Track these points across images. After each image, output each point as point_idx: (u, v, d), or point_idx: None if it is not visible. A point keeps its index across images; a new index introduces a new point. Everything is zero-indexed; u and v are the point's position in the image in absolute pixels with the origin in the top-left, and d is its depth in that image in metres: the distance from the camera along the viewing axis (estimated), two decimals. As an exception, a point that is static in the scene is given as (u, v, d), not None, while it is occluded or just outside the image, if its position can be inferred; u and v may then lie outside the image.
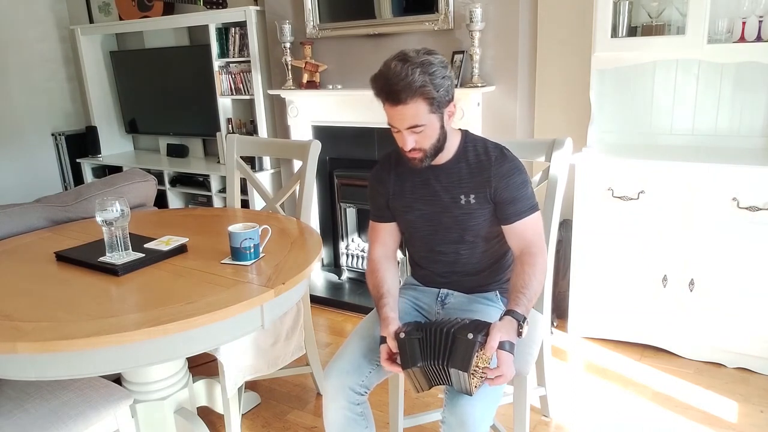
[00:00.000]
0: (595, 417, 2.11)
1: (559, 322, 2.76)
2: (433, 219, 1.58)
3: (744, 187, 2.17)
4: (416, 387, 1.42)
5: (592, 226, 2.49)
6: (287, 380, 2.41)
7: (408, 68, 1.36)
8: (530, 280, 1.44)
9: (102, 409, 1.51)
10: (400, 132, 1.45)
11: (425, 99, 1.38)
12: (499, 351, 1.30)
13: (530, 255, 1.48)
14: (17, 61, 4.46)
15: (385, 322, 1.45)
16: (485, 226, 1.55)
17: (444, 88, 1.41)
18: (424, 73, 1.37)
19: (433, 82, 1.38)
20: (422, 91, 1.37)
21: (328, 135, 3.24)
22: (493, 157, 1.52)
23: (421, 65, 1.37)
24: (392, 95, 1.38)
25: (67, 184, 4.75)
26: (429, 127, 1.43)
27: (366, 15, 2.93)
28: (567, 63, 2.80)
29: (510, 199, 1.50)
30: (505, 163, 1.51)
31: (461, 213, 1.54)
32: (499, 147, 1.55)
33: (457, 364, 1.29)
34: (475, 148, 1.55)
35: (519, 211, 1.51)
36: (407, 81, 1.36)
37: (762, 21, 2.24)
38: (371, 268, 1.63)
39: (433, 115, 1.42)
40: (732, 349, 2.35)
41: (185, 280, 1.55)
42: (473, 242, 1.58)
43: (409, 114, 1.40)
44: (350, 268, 3.43)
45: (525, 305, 1.40)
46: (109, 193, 2.28)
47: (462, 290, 1.66)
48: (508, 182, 1.50)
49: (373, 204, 1.68)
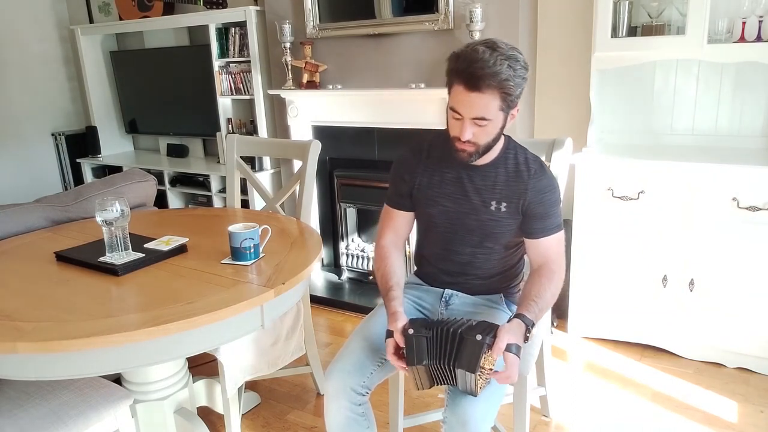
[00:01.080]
0: (595, 417, 2.11)
1: (559, 322, 2.76)
2: (457, 218, 1.54)
3: (744, 187, 2.17)
4: (417, 384, 1.42)
5: (592, 226, 2.49)
6: (287, 380, 2.41)
7: (497, 57, 1.30)
8: (545, 291, 1.43)
9: (102, 409, 1.51)
10: (462, 120, 1.37)
11: (502, 94, 1.33)
12: (506, 353, 1.30)
13: (549, 270, 1.48)
14: (17, 61, 4.46)
15: (393, 316, 1.43)
16: (508, 235, 1.53)
17: (521, 89, 1.36)
18: (511, 67, 1.31)
19: (515, 80, 1.33)
20: (503, 85, 1.31)
21: (328, 135, 3.24)
22: (533, 169, 1.49)
23: (509, 58, 1.32)
24: (472, 80, 1.31)
25: (67, 184, 4.75)
26: (492, 124, 1.37)
27: (366, 15, 2.93)
28: (567, 63, 2.80)
29: (541, 215, 1.48)
30: (544, 179, 1.49)
31: (488, 218, 1.51)
32: (539, 160, 1.52)
33: (464, 364, 1.29)
34: (515, 156, 1.51)
35: (546, 228, 1.49)
36: (494, 70, 1.30)
37: (762, 21, 2.24)
38: (380, 254, 1.59)
39: (501, 113, 1.37)
40: (732, 349, 2.35)
41: (185, 280, 1.55)
42: (491, 248, 1.56)
43: (481, 104, 1.33)
44: (350, 268, 3.43)
45: (535, 313, 1.39)
46: (109, 193, 2.28)
47: (468, 292, 1.64)
48: (543, 198, 1.48)
49: (395, 189, 1.62)
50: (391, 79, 2.95)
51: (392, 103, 2.93)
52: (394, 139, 3.06)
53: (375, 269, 1.60)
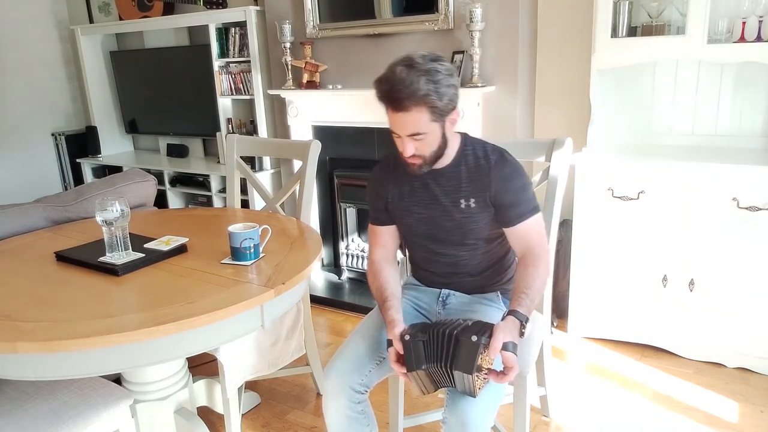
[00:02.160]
0: (595, 417, 2.11)
1: (559, 322, 2.76)
2: (433, 223, 1.57)
3: (744, 187, 2.17)
4: (422, 389, 1.41)
5: (592, 226, 2.49)
6: (287, 380, 2.41)
7: (413, 75, 1.34)
8: (533, 281, 1.44)
9: (102, 409, 1.51)
10: (401, 138, 1.44)
11: (428, 108, 1.36)
12: (503, 352, 1.30)
13: (533, 256, 1.48)
14: (17, 61, 4.47)
15: (390, 324, 1.44)
16: (486, 229, 1.55)
17: (448, 97, 1.38)
18: (429, 81, 1.34)
19: (437, 91, 1.35)
20: (426, 100, 1.35)
21: (328, 135, 3.24)
22: (492, 160, 1.51)
23: (426, 73, 1.34)
24: (395, 101, 1.36)
25: (67, 184, 4.75)
26: (430, 135, 1.41)
27: (366, 15, 2.93)
28: (567, 63, 2.80)
29: (511, 202, 1.49)
30: (505, 167, 1.50)
31: (462, 217, 1.53)
32: (499, 150, 1.54)
33: (461, 366, 1.29)
34: (474, 151, 1.54)
35: (520, 214, 1.50)
36: (412, 89, 1.33)
37: (762, 21, 2.23)
38: (372, 270, 1.62)
39: (435, 124, 1.40)
40: (732, 349, 2.35)
41: (185, 280, 1.55)
42: (474, 245, 1.57)
43: (410, 121, 1.38)
44: (350, 268, 3.43)
45: (527, 305, 1.39)
46: (109, 193, 2.28)
47: (463, 291, 1.65)
48: (508, 186, 1.49)
49: (373, 207, 1.67)
50: (391, 79, 2.94)
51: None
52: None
53: (370, 285, 1.62)
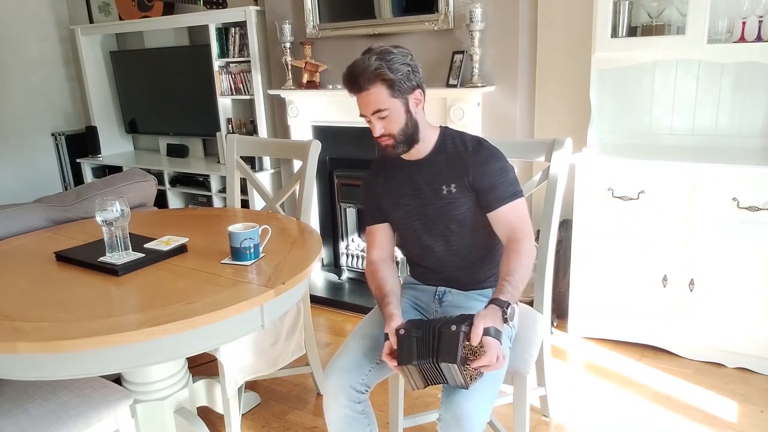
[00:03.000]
0: (595, 417, 2.11)
1: (559, 322, 2.76)
2: (420, 212, 1.61)
3: (744, 187, 2.17)
4: (412, 385, 1.42)
5: (592, 226, 2.49)
6: (287, 380, 2.41)
7: (366, 57, 1.46)
8: (516, 266, 1.45)
9: (102, 409, 1.51)
10: (370, 121, 1.51)
11: (382, 81, 1.45)
12: (484, 338, 1.31)
13: (516, 241, 1.50)
14: (17, 61, 4.47)
15: (389, 318, 1.47)
16: (469, 214, 1.57)
17: (403, 73, 1.46)
18: (380, 59, 1.45)
19: (389, 66, 1.45)
20: (377, 74, 1.44)
21: (328, 135, 3.24)
22: (470, 147, 1.57)
23: (379, 53, 1.46)
24: (354, 83, 1.47)
25: (67, 184, 4.75)
26: (393, 112, 1.48)
27: (366, 15, 2.93)
28: (567, 63, 2.80)
29: (489, 185, 1.53)
30: (482, 152, 1.55)
31: (444, 203, 1.57)
32: (477, 138, 1.60)
33: (445, 357, 1.30)
34: (453, 140, 1.60)
35: (500, 197, 1.53)
36: (363, 66, 1.45)
37: (762, 21, 2.24)
38: (371, 270, 1.65)
39: (396, 100, 1.48)
40: (732, 349, 2.35)
41: (185, 280, 1.55)
42: (459, 232, 1.60)
43: (371, 99, 1.47)
44: (350, 268, 3.43)
45: (510, 292, 1.40)
46: (109, 193, 2.28)
47: (458, 287, 1.67)
48: (485, 169, 1.53)
49: (367, 208, 1.73)
50: (391, 79, 2.94)
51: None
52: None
53: (369, 284, 1.65)
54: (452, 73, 2.72)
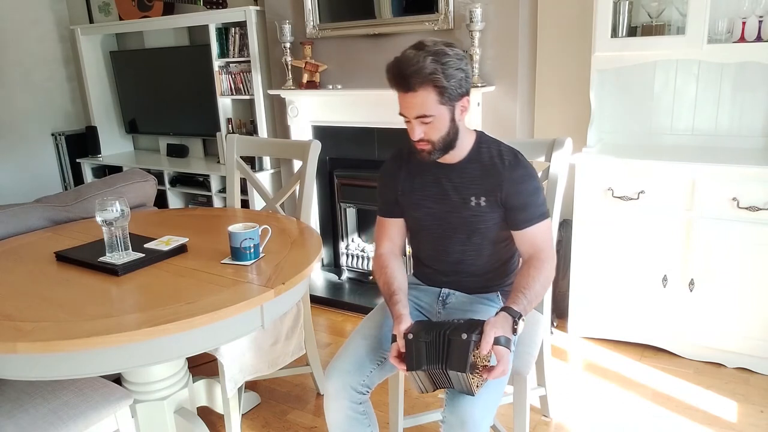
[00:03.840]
0: (595, 417, 2.11)
1: (559, 322, 2.76)
2: (442, 218, 1.56)
3: (744, 187, 2.17)
4: (421, 388, 1.41)
5: (592, 226, 2.49)
6: (287, 380, 2.41)
7: (420, 55, 1.34)
8: (533, 282, 1.43)
9: (102, 409, 1.51)
10: (410, 122, 1.42)
11: (435, 88, 1.35)
12: (495, 346, 1.30)
13: (539, 260, 1.47)
14: (17, 61, 4.46)
15: (397, 320, 1.44)
16: (494, 229, 1.54)
17: (456, 80, 1.37)
18: (436, 61, 1.34)
19: (444, 72, 1.34)
20: (432, 79, 1.34)
21: (328, 135, 3.24)
22: (506, 161, 1.49)
23: (434, 54, 1.34)
24: (402, 81, 1.36)
25: (67, 184, 4.75)
26: (438, 119, 1.40)
27: (366, 15, 2.93)
28: (567, 63, 2.80)
29: (521, 205, 1.48)
30: (519, 169, 1.49)
31: (470, 215, 1.52)
32: (514, 151, 1.53)
33: (454, 365, 1.29)
34: (489, 149, 1.52)
35: (529, 218, 1.49)
36: (417, 67, 1.33)
37: (762, 21, 2.24)
38: (379, 264, 1.61)
39: (443, 107, 1.39)
40: (732, 349, 2.35)
41: (185, 280, 1.55)
42: (480, 244, 1.56)
43: (417, 102, 1.37)
44: (350, 268, 3.43)
45: (523, 305, 1.39)
46: (109, 193, 2.28)
47: (464, 290, 1.65)
48: (520, 188, 1.48)
49: (382, 199, 1.66)
50: (391, 79, 2.95)
51: (392, 103, 2.88)
52: (394, 139, 3.06)
53: (376, 279, 1.61)
54: (452, 73, 2.72)
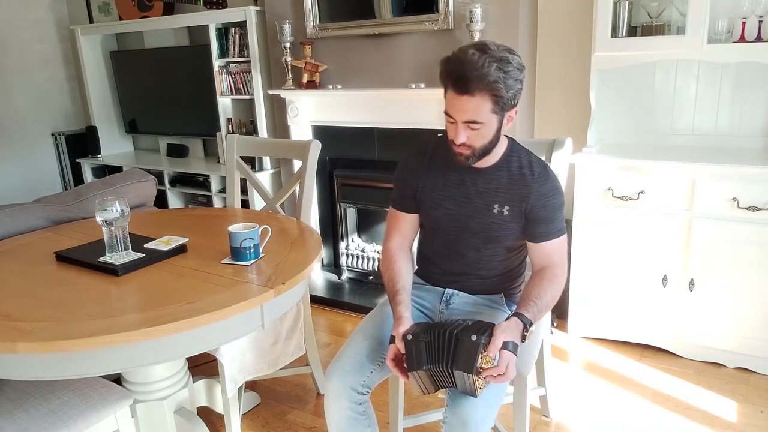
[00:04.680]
0: (595, 417, 2.11)
1: (559, 322, 2.76)
2: (460, 221, 1.54)
3: (744, 187, 2.17)
4: (422, 389, 1.41)
5: (592, 226, 2.49)
6: (287, 380, 2.41)
7: (485, 60, 1.29)
8: (545, 293, 1.44)
9: (102, 409, 1.51)
10: (455, 123, 1.37)
11: (493, 96, 1.31)
12: (502, 351, 1.30)
13: (552, 274, 1.48)
14: (17, 61, 4.46)
15: (398, 321, 1.43)
16: (512, 238, 1.53)
17: (514, 91, 1.34)
18: (500, 69, 1.30)
19: (506, 82, 1.31)
20: (493, 87, 1.30)
21: (328, 135, 3.24)
22: (536, 173, 1.48)
23: (499, 60, 1.30)
24: (461, 82, 1.31)
25: (67, 184, 4.75)
26: (486, 127, 1.36)
27: (366, 15, 2.93)
28: (567, 63, 2.80)
29: (544, 219, 1.48)
30: (548, 183, 1.48)
31: (491, 221, 1.51)
32: (543, 164, 1.52)
33: (461, 365, 1.29)
34: (519, 159, 1.50)
35: (549, 232, 1.49)
36: (481, 72, 1.28)
37: (762, 21, 2.24)
38: (387, 257, 1.59)
39: (494, 116, 1.35)
40: (732, 349, 2.35)
41: (185, 280, 1.55)
42: (494, 250, 1.56)
43: (471, 107, 1.32)
44: (350, 268, 3.43)
45: (534, 313, 1.39)
46: (109, 193, 2.28)
47: (468, 292, 1.64)
48: (547, 202, 1.47)
49: (399, 192, 1.62)
50: (391, 79, 2.95)
51: (392, 103, 2.93)
52: (394, 139, 3.06)
53: (382, 272, 1.59)
54: (452, 73, 2.72)
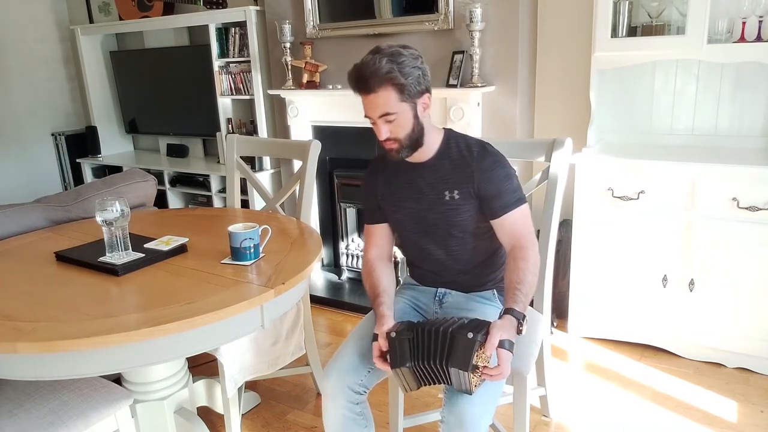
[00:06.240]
0: (595, 417, 2.11)
1: (559, 322, 2.76)
2: (421, 216, 1.59)
3: (744, 187, 2.17)
4: (404, 386, 1.43)
5: (592, 226, 2.49)
6: (287, 380, 2.41)
7: (377, 58, 1.41)
8: (524, 275, 1.44)
9: (102, 409, 1.51)
10: (375, 123, 1.48)
11: (393, 86, 1.41)
12: (498, 349, 1.31)
13: (521, 248, 1.49)
14: (17, 61, 4.47)
15: (380, 320, 1.47)
16: (471, 221, 1.56)
17: (413, 77, 1.43)
18: (392, 61, 1.41)
19: (401, 70, 1.41)
20: (389, 77, 1.40)
21: (328, 135, 3.24)
22: (474, 152, 1.54)
23: (389, 55, 1.42)
24: (362, 84, 1.43)
25: (67, 184, 4.75)
26: (401, 116, 1.45)
27: (366, 15, 2.93)
28: (567, 63, 2.80)
29: (494, 192, 1.51)
30: (487, 158, 1.53)
31: (447, 209, 1.55)
32: (481, 143, 1.58)
33: (457, 363, 1.30)
34: (457, 144, 1.57)
35: (505, 205, 1.51)
36: (374, 68, 1.40)
37: (762, 21, 2.24)
38: (366, 269, 1.65)
39: (404, 104, 1.44)
40: (732, 349, 2.35)
41: (185, 280, 1.55)
42: (462, 238, 1.59)
43: (379, 102, 1.43)
44: (350, 268, 3.43)
45: (522, 302, 1.40)
46: (109, 193, 2.28)
47: (459, 289, 1.66)
48: (491, 176, 1.51)
49: (367, 206, 1.72)
50: (391, 79, 2.94)
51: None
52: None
53: (364, 283, 1.65)
54: (452, 73, 2.72)
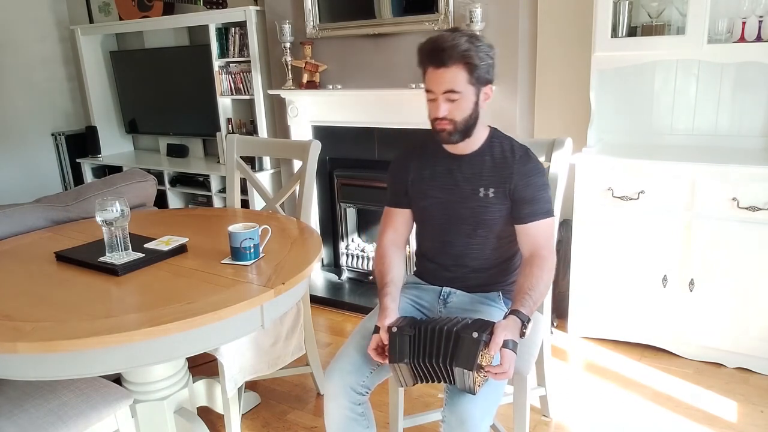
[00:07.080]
0: (595, 417, 2.11)
1: (559, 322, 2.76)
2: (449, 208, 1.59)
3: (744, 187, 2.17)
4: (400, 381, 1.43)
5: (592, 226, 2.49)
6: (287, 380, 2.41)
7: (456, 35, 1.42)
8: (537, 282, 1.45)
9: (102, 409, 1.51)
10: (436, 99, 1.46)
11: (466, 65, 1.41)
12: (502, 349, 1.31)
13: (540, 258, 1.49)
14: (17, 61, 4.46)
15: (383, 312, 1.47)
16: (500, 222, 1.56)
17: (486, 63, 1.45)
18: (471, 42, 1.42)
19: (478, 53, 1.42)
20: (465, 56, 1.40)
21: (328, 135, 3.24)
22: (517, 155, 1.55)
23: (469, 36, 1.43)
24: (436, 55, 1.42)
25: (67, 184, 4.75)
26: (464, 98, 1.45)
27: (366, 15, 2.93)
28: (567, 63, 2.80)
29: (529, 198, 1.52)
30: (529, 163, 1.54)
31: (478, 205, 1.55)
32: (525, 147, 1.59)
33: (462, 362, 1.30)
34: (501, 144, 1.58)
35: (535, 213, 1.52)
36: (453, 43, 1.40)
37: (762, 21, 2.23)
38: (380, 253, 1.64)
39: (471, 87, 1.45)
40: (732, 349, 2.35)
41: (185, 280, 1.55)
42: (485, 237, 1.59)
43: (448, 77, 1.42)
44: (350, 268, 3.43)
45: (530, 306, 1.41)
46: (109, 193, 2.28)
47: (465, 289, 1.66)
48: (529, 181, 1.52)
49: (391, 189, 1.70)
50: (391, 79, 2.95)
51: (392, 103, 2.93)
52: (394, 139, 3.06)
53: (374, 267, 1.64)
54: (452, 73, 2.72)
